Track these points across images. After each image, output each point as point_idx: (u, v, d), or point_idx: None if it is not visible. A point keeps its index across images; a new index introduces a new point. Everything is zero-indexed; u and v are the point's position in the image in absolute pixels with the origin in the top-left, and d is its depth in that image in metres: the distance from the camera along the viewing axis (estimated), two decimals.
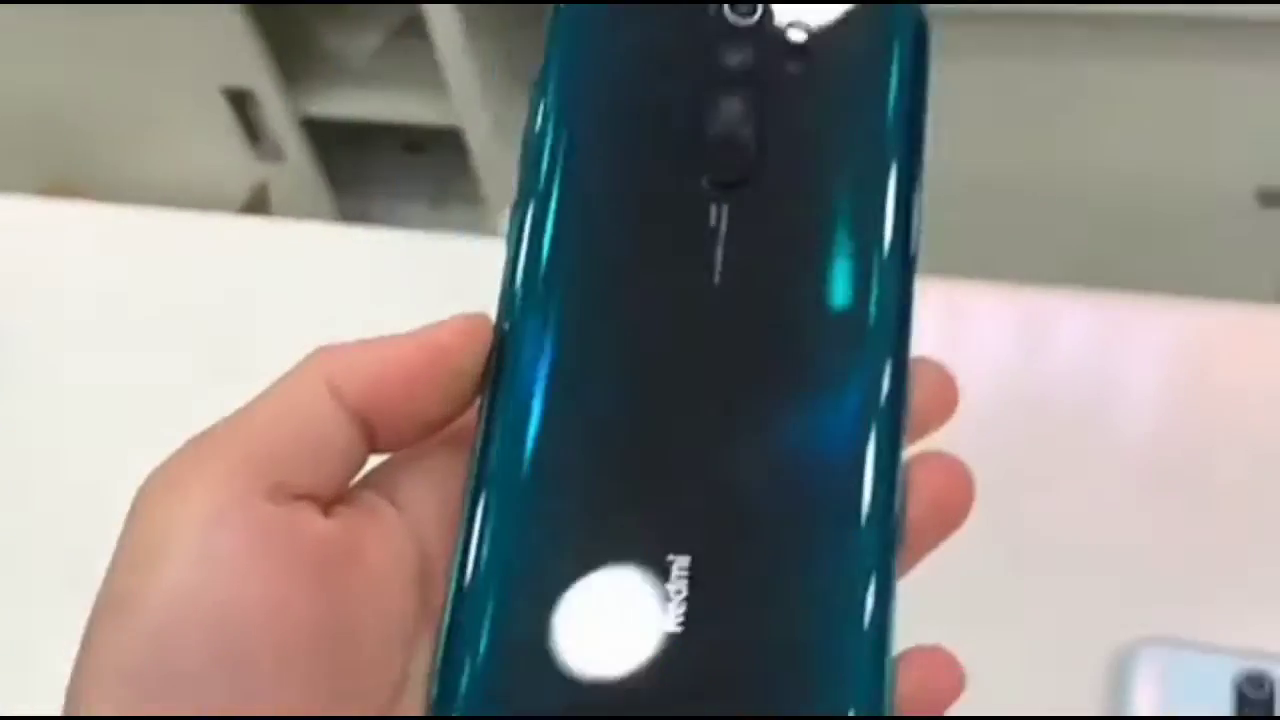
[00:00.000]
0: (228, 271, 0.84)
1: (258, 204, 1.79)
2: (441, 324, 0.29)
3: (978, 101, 1.42)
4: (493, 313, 0.30)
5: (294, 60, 1.77)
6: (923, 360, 0.30)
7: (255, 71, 1.72)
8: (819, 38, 0.31)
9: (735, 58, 0.31)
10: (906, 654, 0.27)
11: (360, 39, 1.78)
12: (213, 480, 0.27)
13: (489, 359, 0.29)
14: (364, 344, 0.29)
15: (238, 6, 1.65)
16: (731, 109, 0.30)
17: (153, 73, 1.78)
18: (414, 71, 1.73)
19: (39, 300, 0.84)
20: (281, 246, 0.87)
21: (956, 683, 0.28)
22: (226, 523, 0.26)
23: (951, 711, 0.27)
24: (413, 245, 0.90)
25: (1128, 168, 1.43)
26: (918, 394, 0.29)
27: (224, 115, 1.79)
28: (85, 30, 1.75)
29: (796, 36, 0.31)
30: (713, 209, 0.30)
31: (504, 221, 0.30)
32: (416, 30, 1.70)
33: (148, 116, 1.85)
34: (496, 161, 1.67)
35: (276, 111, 1.76)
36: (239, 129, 1.80)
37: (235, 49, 1.70)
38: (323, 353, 0.29)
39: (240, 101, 1.77)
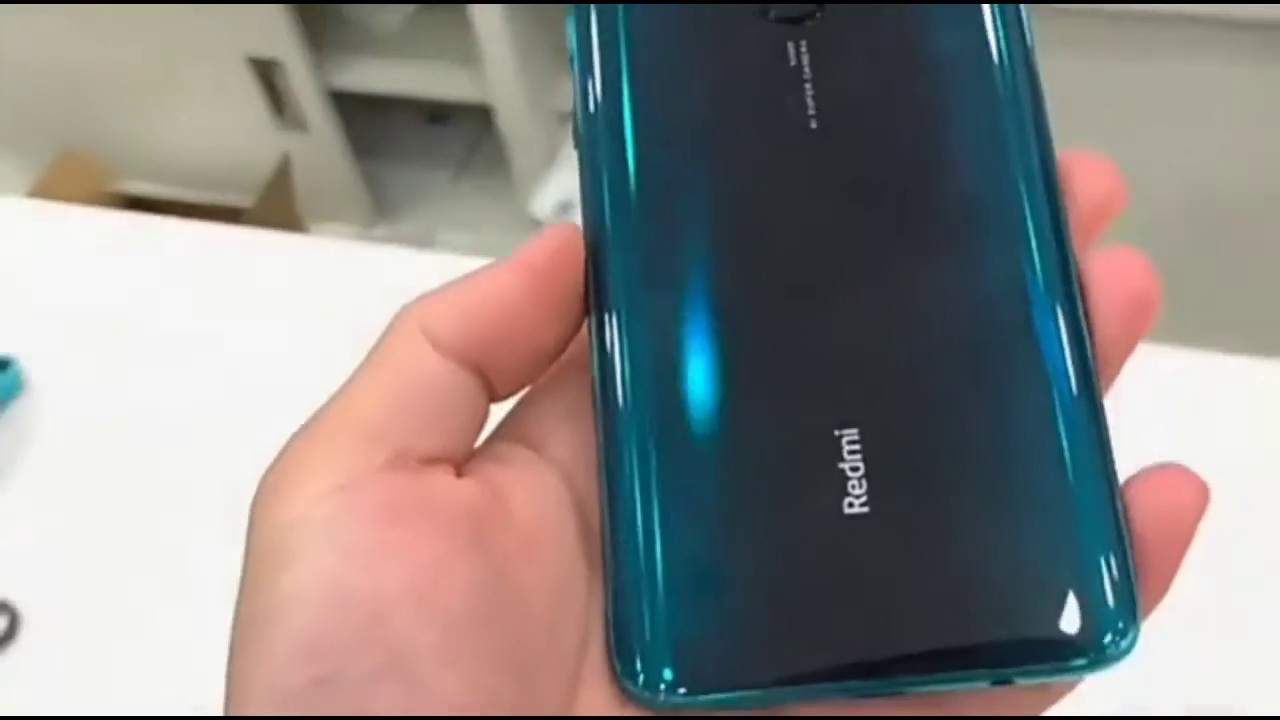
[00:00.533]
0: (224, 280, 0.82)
1: (281, 174, 1.77)
2: (529, 244, 0.26)
3: None
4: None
5: (322, 30, 1.75)
6: (1074, 154, 0.26)
7: (282, 41, 1.70)
8: None
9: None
10: (1133, 482, 0.24)
11: (389, 11, 1.75)
12: (328, 463, 0.24)
13: (587, 267, 0.26)
14: (453, 285, 0.26)
15: None
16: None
17: (178, 42, 1.76)
18: (441, 44, 1.70)
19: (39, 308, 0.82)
20: (265, 258, 0.85)
21: (1199, 495, 0.24)
22: (353, 505, 0.24)
23: None
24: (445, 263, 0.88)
25: (1185, 171, 1.41)
26: (1079, 189, 0.26)
27: (249, 85, 1.76)
28: None
29: None
30: (789, 47, 0.26)
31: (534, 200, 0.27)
32: (444, 3, 1.68)
33: (173, 85, 1.83)
34: (527, 135, 1.65)
35: (303, 82, 1.74)
36: (264, 99, 1.77)
37: (263, 18, 1.68)
38: (412, 305, 0.26)
39: (266, 71, 1.74)
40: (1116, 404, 0.25)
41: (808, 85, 0.26)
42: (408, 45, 1.75)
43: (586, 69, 0.27)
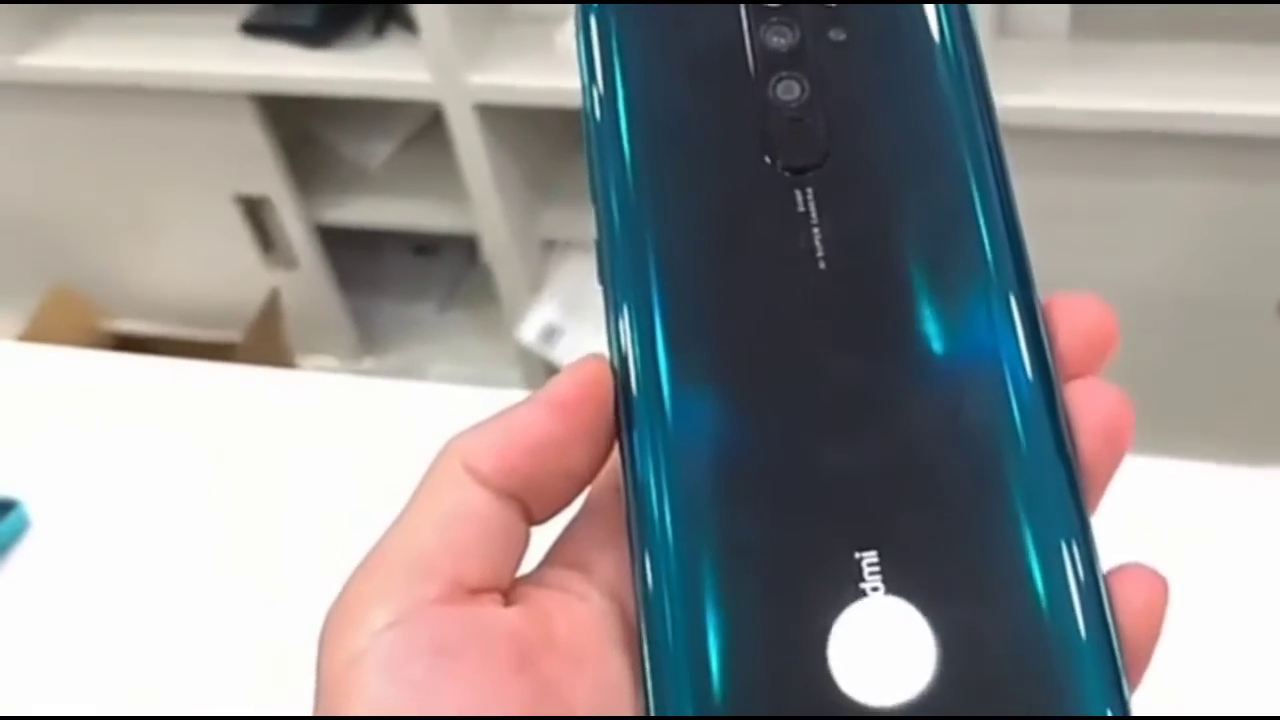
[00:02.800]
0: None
1: (270, 310, 1.79)
2: (560, 378, 0.28)
3: None
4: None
5: (308, 167, 1.78)
6: (1065, 297, 0.29)
7: (270, 179, 1.73)
8: (853, 7, 0.30)
9: (779, 39, 0.30)
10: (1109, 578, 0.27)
11: (374, 146, 1.79)
12: (387, 595, 0.26)
13: (616, 395, 0.28)
14: (491, 422, 0.28)
15: (254, 114, 1.66)
16: (791, 92, 0.30)
17: (168, 180, 1.79)
18: (427, 178, 1.74)
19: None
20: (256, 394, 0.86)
21: (1164, 590, 0.27)
22: (410, 636, 0.25)
23: None
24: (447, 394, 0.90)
25: (1146, 280, 1.44)
26: (1070, 328, 0.28)
27: (237, 222, 1.79)
28: (100, 135, 1.76)
29: (832, 3, 0.30)
30: (798, 194, 0.29)
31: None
32: (429, 138, 1.71)
33: (162, 224, 1.86)
34: (512, 265, 1.68)
35: (291, 219, 1.77)
36: (253, 236, 1.80)
37: (251, 156, 1.71)
38: (454, 442, 0.28)
39: (254, 208, 1.77)
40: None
41: (815, 229, 0.28)
42: (393, 180, 1.79)
43: (607, 199, 0.29)
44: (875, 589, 0.25)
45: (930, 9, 0.30)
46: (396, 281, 1.96)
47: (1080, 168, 1.39)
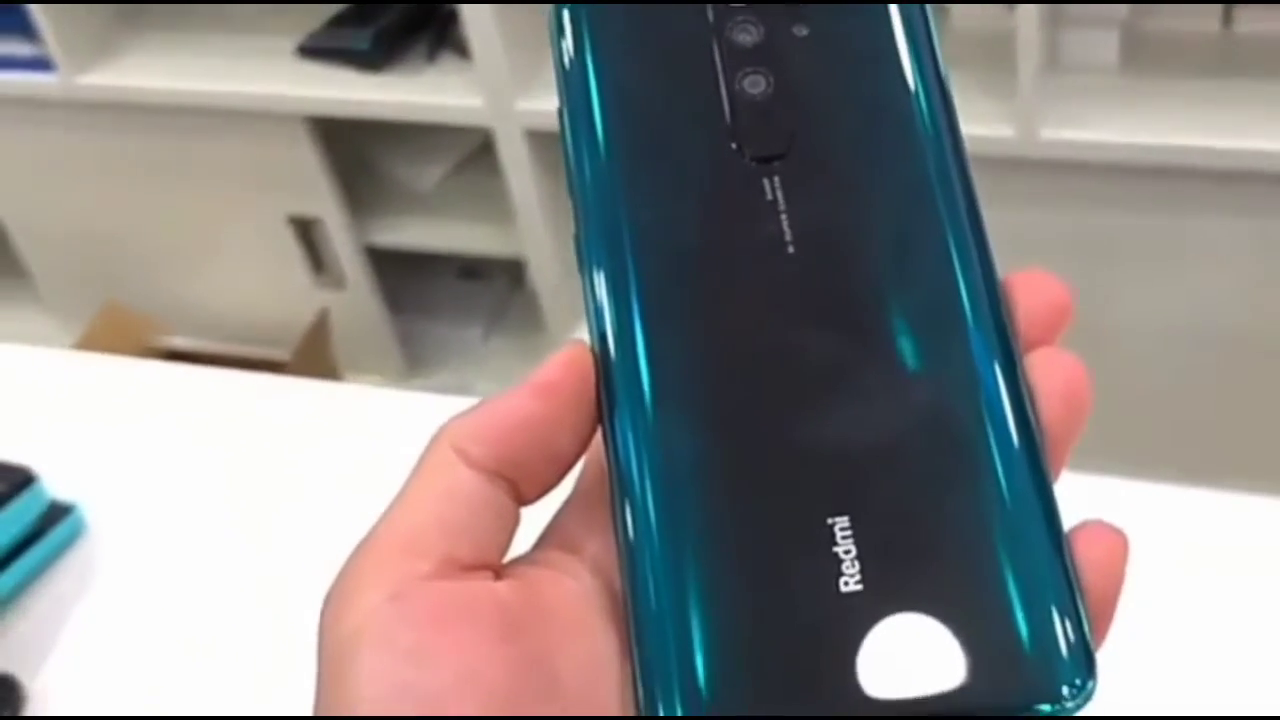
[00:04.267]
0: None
1: (319, 329, 1.81)
2: (544, 364, 0.30)
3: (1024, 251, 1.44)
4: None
5: (360, 189, 1.81)
6: (1024, 274, 0.31)
7: (322, 201, 1.76)
8: (816, 6, 0.32)
9: (744, 35, 0.32)
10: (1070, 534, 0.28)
11: (425, 170, 1.81)
12: (383, 573, 0.28)
13: (597, 380, 0.29)
14: (481, 406, 0.29)
15: (308, 136, 1.68)
16: (757, 85, 0.31)
17: (221, 201, 1.82)
18: (477, 202, 1.76)
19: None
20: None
21: (1123, 542, 0.28)
22: (404, 613, 0.27)
23: None
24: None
25: (1194, 317, 1.43)
26: (1029, 303, 0.30)
27: (289, 243, 1.82)
28: (156, 154, 1.79)
29: (795, 4, 0.32)
30: (765, 183, 0.30)
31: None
32: (480, 163, 1.73)
33: (215, 243, 1.88)
34: (558, 290, 1.69)
35: (341, 240, 1.79)
36: (303, 256, 1.83)
37: (304, 178, 1.74)
38: (445, 427, 0.30)
39: (306, 229, 1.80)
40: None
41: (783, 215, 0.30)
42: (443, 203, 1.81)
43: (583, 185, 0.31)
44: (848, 551, 0.27)
45: (890, 7, 0.32)
46: (444, 304, 1.98)
47: (1129, 203, 1.39)
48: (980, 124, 1.37)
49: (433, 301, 1.98)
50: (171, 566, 0.77)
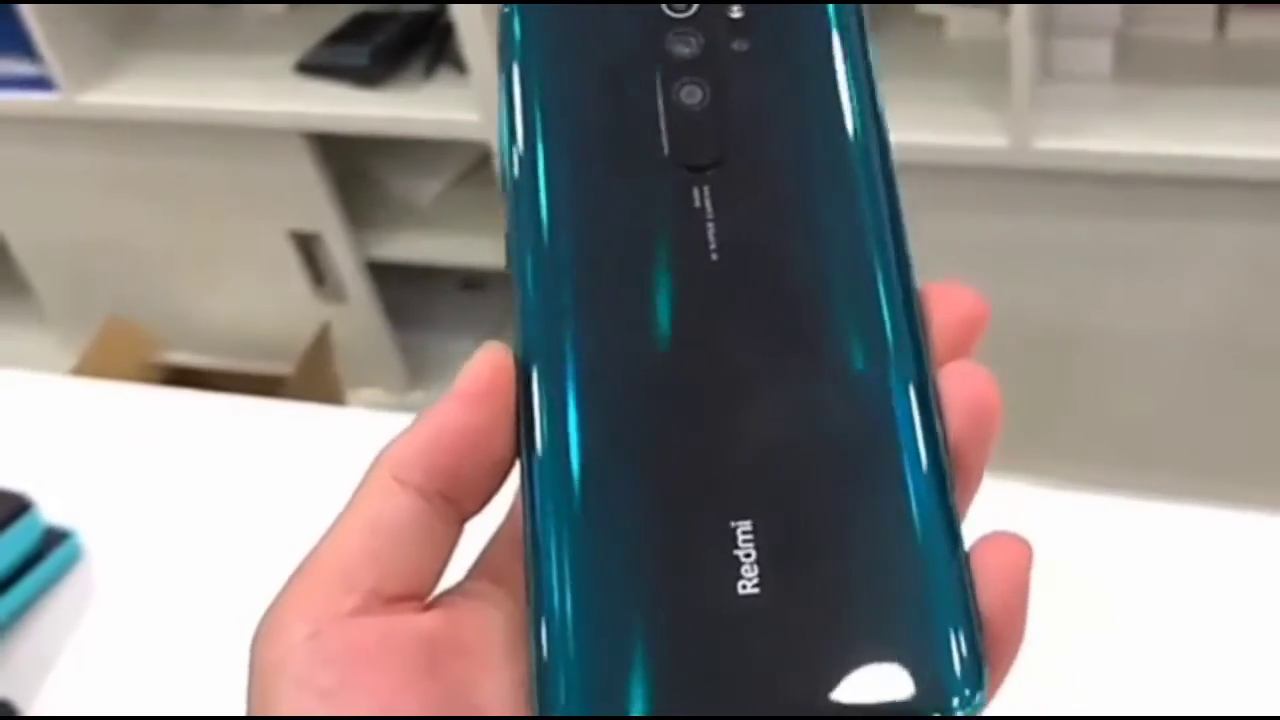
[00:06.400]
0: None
1: (321, 343, 1.82)
2: (467, 371, 0.30)
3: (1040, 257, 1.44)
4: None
5: (360, 204, 1.81)
6: (940, 285, 0.31)
7: (322, 215, 1.77)
8: (756, 15, 0.32)
9: (683, 47, 0.32)
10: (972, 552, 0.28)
11: (424, 184, 1.82)
12: (307, 607, 0.28)
13: (517, 382, 0.29)
14: (413, 426, 0.29)
15: (308, 152, 1.69)
16: (693, 95, 0.31)
17: (222, 216, 1.83)
18: (476, 215, 1.76)
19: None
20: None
21: (1027, 551, 0.28)
22: (324, 647, 0.27)
23: None
24: None
25: (1190, 325, 1.44)
26: (943, 316, 0.30)
27: (290, 257, 1.82)
28: (157, 171, 1.80)
29: (735, 15, 0.32)
30: (695, 191, 0.30)
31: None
32: (478, 176, 1.74)
33: (216, 258, 1.89)
34: None
35: (342, 254, 1.80)
36: (304, 270, 1.83)
37: (304, 193, 1.74)
38: (382, 453, 0.30)
39: (307, 244, 1.80)
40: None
41: (710, 224, 0.30)
42: (442, 217, 1.82)
43: (515, 188, 0.31)
44: (748, 555, 0.27)
45: (828, 21, 0.32)
46: (445, 316, 1.99)
47: (1123, 212, 1.39)
48: (974, 133, 1.37)
49: (434, 314, 1.98)
50: (168, 592, 0.78)
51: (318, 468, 0.84)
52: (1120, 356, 1.48)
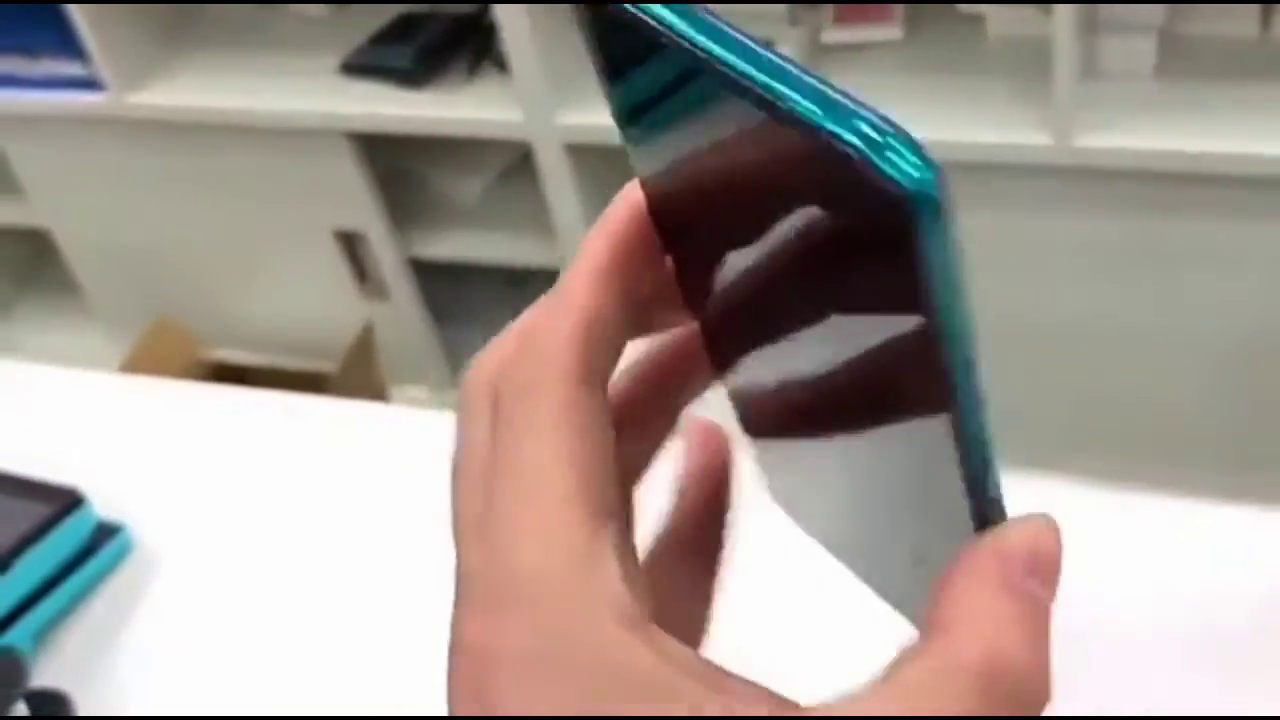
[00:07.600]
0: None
1: (364, 341, 1.83)
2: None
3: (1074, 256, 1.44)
4: None
5: (403, 203, 1.83)
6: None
7: (366, 214, 1.78)
8: None
9: None
10: None
11: (467, 183, 1.83)
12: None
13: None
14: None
15: (352, 152, 1.71)
16: None
17: (267, 216, 1.85)
18: (518, 214, 1.78)
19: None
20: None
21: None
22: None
23: None
24: None
25: (1233, 322, 1.43)
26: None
27: (334, 256, 1.84)
28: (204, 171, 1.82)
29: None
30: None
31: None
32: (520, 175, 1.75)
33: (261, 258, 1.91)
34: None
35: (385, 253, 1.82)
36: (348, 269, 1.85)
37: (348, 192, 1.76)
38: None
39: (350, 243, 1.82)
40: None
41: None
42: (485, 215, 1.83)
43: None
44: None
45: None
46: (487, 313, 2.00)
47: (1165, 209, 1.39)
48: (1016, 131, 1.37)
49: (476, 311, 1.99)
50: (219, 585, 0.79)
51: (362, 464, 0.85)
52: (1160, 354, 1.47)
